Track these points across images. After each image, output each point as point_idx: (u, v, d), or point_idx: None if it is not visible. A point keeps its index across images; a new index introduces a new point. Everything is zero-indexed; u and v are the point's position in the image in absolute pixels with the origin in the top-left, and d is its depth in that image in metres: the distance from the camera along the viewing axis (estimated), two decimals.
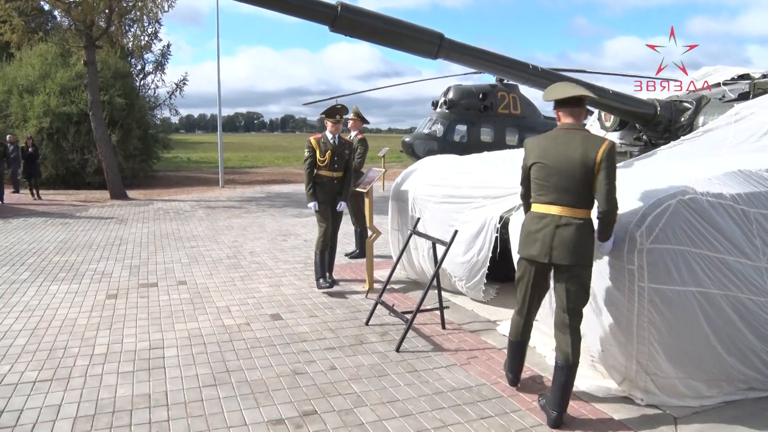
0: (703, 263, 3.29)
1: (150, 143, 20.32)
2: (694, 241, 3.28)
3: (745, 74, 5.58)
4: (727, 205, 3.39)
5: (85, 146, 17.28)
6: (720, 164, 3.76)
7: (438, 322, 4.81)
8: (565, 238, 3.12)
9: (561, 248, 3.12)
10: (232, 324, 4.87)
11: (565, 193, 3.14)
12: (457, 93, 17.03)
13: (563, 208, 3.15)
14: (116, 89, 18.11)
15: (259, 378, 3.80)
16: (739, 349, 3.39)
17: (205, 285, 6.16)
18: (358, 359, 4.13)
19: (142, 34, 17.91)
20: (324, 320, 4.98)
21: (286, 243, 8.63)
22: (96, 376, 3.82)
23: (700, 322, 3.29)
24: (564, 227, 3.13)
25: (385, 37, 4.04)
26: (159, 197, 15.09)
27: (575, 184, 3.11)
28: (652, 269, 3.23)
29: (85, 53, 14.27)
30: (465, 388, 3.68)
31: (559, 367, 3.22)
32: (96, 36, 14.26)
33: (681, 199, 3.31)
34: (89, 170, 17.39)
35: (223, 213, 12.00)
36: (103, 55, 16.28)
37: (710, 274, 3.30)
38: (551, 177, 3.18)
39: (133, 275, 6.59)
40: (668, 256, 3.24)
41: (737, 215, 3.41)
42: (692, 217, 3.30)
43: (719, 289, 3.31)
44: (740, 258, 3.37)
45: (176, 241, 8.75)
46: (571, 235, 3.11)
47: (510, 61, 4.50)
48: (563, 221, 3.13)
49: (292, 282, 6.30)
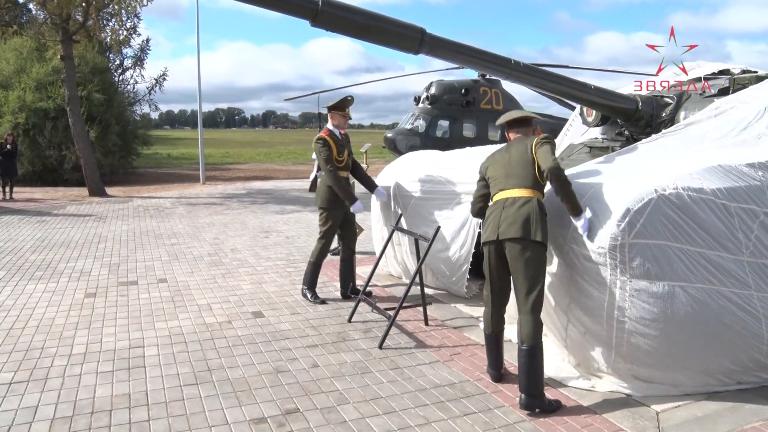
0: (684, 257, 3.32)
1: (129, 139, 20.05)
2: (675, 235, 3.31)
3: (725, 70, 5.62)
4: (708, 200, 3.42)
5: (62, 142, 16.98)
6: (701, 159, 3.79)
7: (421, 318, 4.80)
8: (509, 213, 3.37)
9: (505, 223, 3.36)
10: (214, 322, 4.82)
11: (509, 178, 3.48)
12: (440, 88, 17.05)
13: (509, 191, 3.46)
14: (94, 84, 17.80)
15: (240, 376, 3.76)
16: (722, 342, 3.43)
17: (185, 283, 6.09)
18: (341, 356, 4.11)
19: (120, 28, 17.66)
20: (306, 317, 4.95)
21: (267, 240, 8.57)
22: (74, 377, 3.75)
23: (682, 316, 3.32)
24: (510, 206, 3.40)
25: (367, 32, 4.01)
26: (138, 194, 14.91)
27: (517, 168, 3.48)
28: (634, 264, 3.26)
29: (62, 48, 13.98)
30: (448, 384, 3.68)
31: (519, 349, 3.34)
32: (73, 30, 13.98)
33: (662, 194, 3.33)
34: (67, 167, 17.10)
35: (204, 210, 11.89)
36: (81, 49, 15.96)
37: (692, 268, 3.33)
38: (498, 172, 3.57)
39: (112, 273, 6.49)
40: (649, 251, 3.27)
41: (718, 210, 3.43)
42: (673, 212, 3.33)
43: (701, 283, 3.34)
44: (722, 252, 3.40)
45: (156, 238, 8.65)
46: (516, 210, 3.35)
47: (492, 57, 4.49)
48: (509, 201, 3.43)
49: (274, 279, 6.25)
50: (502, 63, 4.50)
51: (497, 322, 3.65)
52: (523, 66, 4.60)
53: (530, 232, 3.29)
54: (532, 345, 3.29)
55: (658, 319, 3.31)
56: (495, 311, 3.64)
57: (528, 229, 3.29)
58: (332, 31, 3.93)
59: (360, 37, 4.07)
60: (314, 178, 7.73)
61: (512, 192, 3.44)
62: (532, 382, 3.29)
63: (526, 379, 3.29)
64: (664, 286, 3.29)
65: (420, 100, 17.43)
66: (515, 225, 3.31)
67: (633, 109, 5.18)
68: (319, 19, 3.77)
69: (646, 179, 3.48)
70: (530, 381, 3.29)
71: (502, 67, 4.52)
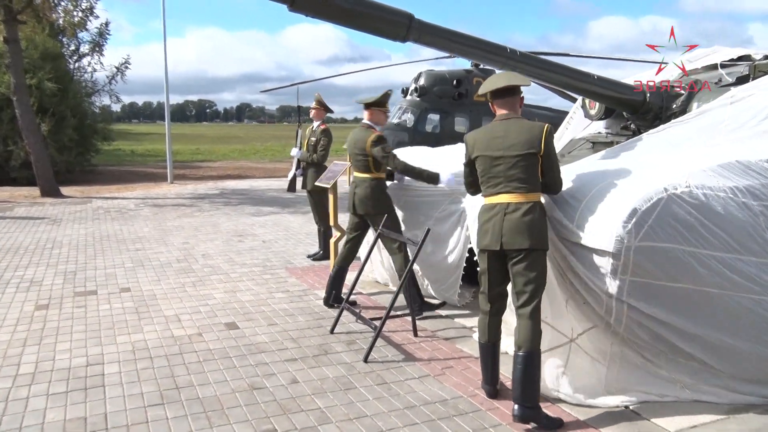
0: (697, 262, 3.34)
1: (87, 134, 19.75)
2: (686, 238, 3.32)
3: (745, 55, 5.51)
4: (726, 198, 3.44)
5: (8, 136, 16.62)
6: (715, 154, 3.80)
7: (409, 329, 4.80)
8: (513, 222, 3.36)
9: (510, 233, 3.35)
10: (183, 335, 4.78)
11: (510, 181, 3.40)
12: (429, 79, 17.08)
13: (510, 195, 3.41)
14: (46, 72, 17.44)
15: (212, 394, 3.73)
16: (729, 351, 3.48)
17: (151, 292, 6.04)
18: (323, 371, 4.09)
19: (75, 9, 17.26)
20: (285, 329, 4.93)
21: (242, 244, 8.53)
22: (20, 400, 3.67)
23: (691, 326, 3.36)
24: (512, 213, 3.38)
25: (349, 17, 4.00)
26: (98, 194, 14.76)
27: (519, 170, 3.38)
28: (640, 268, 3.27)
29: (5, 29, 13.53)
30: (439, 401, 3.67)
31: (515, 355, 3.36)
32: (18, 9, 13.57)
33: (673, 193, 3.35)
34: (14, 164, 16.73)
35: (172, 212, 11.81)
36: (28, 31, 15.58)
37: (706, 273, 3.35)
38: (495, 167, 3.45)
39: (67, 282, 6.42)
40: (658, 255, 3.29)
41: (739, 209, 3.45)
42: (685, 212, 3.35)
43: (715, 289, 3.37)
44: (743, 255, 3.42)
45: (119, 243, 8.57)
46: (519, 218, 3.35)
47: (486, 44, 4.50)
48: (511, 208, 3.39)
49: (250, 287, 6.23)
50: (496, 51, 4.52)
51: (494, 331, 3.65)
52: (520, 54, 4.62)
53: (535, 241, 3.33)
54: (530, 350, 3.30)
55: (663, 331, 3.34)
56: (492, 319, 3.64)
57: (534, 238, 3.33)
58: (312, 16, 3.92)
59: (342, 22, 4.06)
60: (293, 177, 7.75)
61: (515, 197, 3.39)
62: (528, 391, 3.29)
63: (520, 388, 3.30)
64: (671, 290, 3.32)
65: (408, 92, 17.45)
66: (521, 235, 3.33)
67: (640, 100, 5.19)
68: (298, 2, 3.76)
69: (654, 176, 3.49)
70: (526, 390, 3.29)
71: (497, 55, 4.54)
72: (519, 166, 3.38)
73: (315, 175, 7.03)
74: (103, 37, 25.18)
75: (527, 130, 3.41)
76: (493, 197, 3.49)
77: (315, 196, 7.36)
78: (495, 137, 3.48)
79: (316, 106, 7.41)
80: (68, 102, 18.31)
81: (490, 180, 3.49)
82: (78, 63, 24.81)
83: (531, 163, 3.38)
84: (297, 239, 8.91)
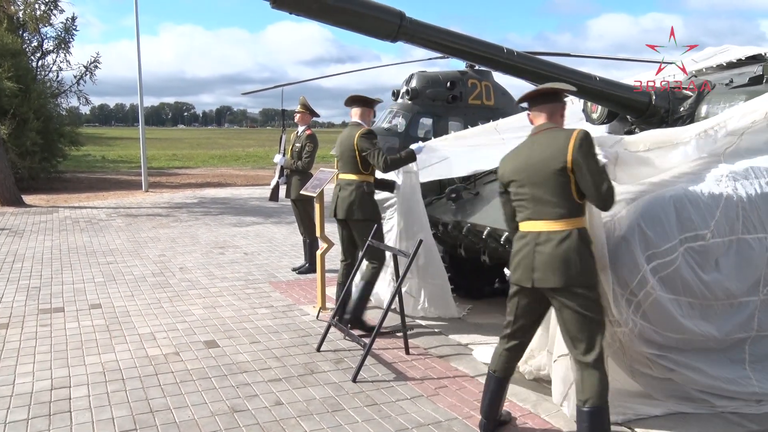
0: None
1: (53, 138, 19.60)
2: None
3: (758, 55, 5.52)
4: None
5: None
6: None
7: (401, 346, 4.82)
8: (545, 256, 3.08)
9: (543, 269, 3.09)
10: (158, 354, 4.77)
11: (541, 206, 3.13)
12: (421, 81, 17.15)
13: (541, 222, 3.14)
14: (5, 70, 17.24)
15: (189, 418, 3.72)
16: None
17: (124, 308, 6.02)
18: (309, 392, 4.10)
19: (37, 1, 17.05)
20: (268, 347, 4.93)
21: (223, 257, 8.53)
22: None
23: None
24: (543, 244, 3.10)
25: (336, 15, 4.03)
26: (66, 203, 14.68)
27: (549, 193, 3.10)
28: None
29: None
30: (433, 423, 3.69)
31: (579, 412, 3.12)
32: None
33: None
34: None
35: (147, 222, 11.78)
36: None
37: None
38: (525, 189, 3.20)
39: (31, 299, 6.38)
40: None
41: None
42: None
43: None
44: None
45: (88, 256, 8.53)
46: (552, 251, 3.07)
47: (481, 44, 4.55)
48: (542, 238, 3.11)
49: (231, 303, 6.22)
50: (492, 52, 4.56)
51: (508, 365, 3.44)
52: (517, 55, 4.67)
53: (575, 277, 3.04)
54: (599, 405, 3.03)
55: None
56: (511, 353, 3.42)
57: (571, 275, 3.04)
58: (296, 14, 3.94)
59: (328, 20, 4.09)
60: (275, 186, 7.76)
61: (546, 224, 3.11)
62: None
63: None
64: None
65: (399, 95, 17.51)
66: (554, 272, 3.05)
67: (645, 103, 5.24)
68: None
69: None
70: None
71: (493, 56, 4.58)
72: (546, 187, 3.09)
73: (300, 183, 7.04)
74: (69, 33, 24.83)
75: (556, 141, 3.10)
76: (523, 224, 3.25)
77: (300, 206, 7.37)
78: (520, 154, 3.24)
79: (301, 110, 7.43)
80: (31, 103, 18.16)
81: (520, 205, 3.24)
82: (42, 61, 24.51)
83: (561, 182, 3.06)
84: (281, 251, 8.91)
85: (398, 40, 4.21)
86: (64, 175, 21.47)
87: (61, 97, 23.91)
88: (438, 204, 5.56)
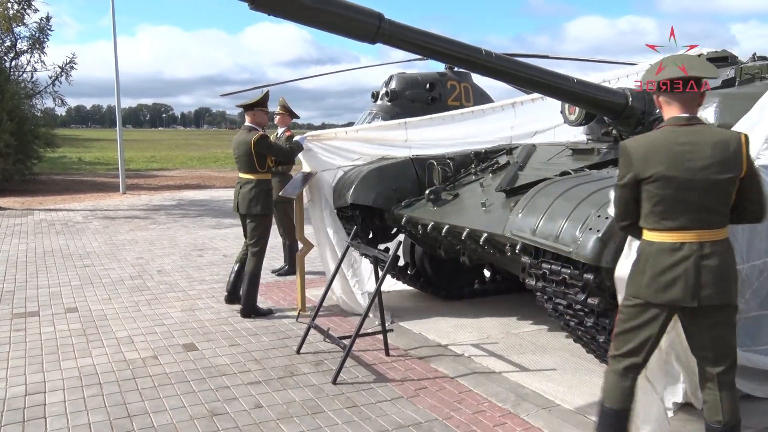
0: None
1: (28, 139, 19.38)
2: None
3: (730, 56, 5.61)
4: None
5: None
6: None
7: (381, 348, 4.83)
8: (713, 270, 2.75)
9: (713, 285, 2.76)
10: (136, 358, 4.73)
11: (704, 213, 2.76)
12: (401, 83, 17.20)
13: (703, 232, 2.77)
14: None
15: (168, 422, 3.70)
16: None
17: (101, 312, 5.96)
18: (289, 394, 4.09)
19: (8, 0, 16.75)
20: (248, 349, 4.91)
21: (202, 259, 8.48)
22: None
23: None
24: (710, 257, 2.76)
25: (314, 16, 4.03)
26: (41, 206, 14.50)
27: (717, 199, 2.77)
28: None
29: None
30: (413, 424, 3.70)
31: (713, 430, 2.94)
32: None
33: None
34: None
35: (124, 224, 11.69)
36: None
37: None
38: (685, 194, 2.75)
39: (4, 303, 6.30)
40: None
41: None
42: None
43: None
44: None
45: (64, 259, 8.44)
46: (718, 265, 2.76)
47: (460, 46, 4.57)
48: (707, 249, 2.76)
49: (210, 305, 6.19)
50: (471, 53, 4.59)
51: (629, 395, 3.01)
52: (496, 57, 4.70)
53: (735, 292, 2.84)
54: (737, 422, 2.93)
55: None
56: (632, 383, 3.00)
57: (733, 289, 2.82)
58: (274, 15, 3.93)
59: (307, 22, 4.09)
60: None
61: (709, 234, 2.76)
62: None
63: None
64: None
65: (378, 97, 17.54)
66: (723, 289, 2.78)
67: (622, 104, 5.31)
68: (260, 0, 3.77)
69: None
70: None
71: (472, 58, 4.61)
72: (717, 194, 2.75)
73: (279, 185, 7.00)
74: (43, 33, 24.54)
75: (723, 144, 2.74)
76: (672, 233, 2.80)
77: (279, 208, 7.34)
78: (682, 151, 2.76)
79: (281, 112, 7.41)
80: (4, 104, 17.96)
81: (672, 210, 2.78)
82: (15, 61, 24.25)
83: (729, 190, 2.76)
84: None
85: (377, 42, 4.22)
86: (39, 177, 21.21)
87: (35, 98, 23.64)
88: (417, 205, 5.57)
